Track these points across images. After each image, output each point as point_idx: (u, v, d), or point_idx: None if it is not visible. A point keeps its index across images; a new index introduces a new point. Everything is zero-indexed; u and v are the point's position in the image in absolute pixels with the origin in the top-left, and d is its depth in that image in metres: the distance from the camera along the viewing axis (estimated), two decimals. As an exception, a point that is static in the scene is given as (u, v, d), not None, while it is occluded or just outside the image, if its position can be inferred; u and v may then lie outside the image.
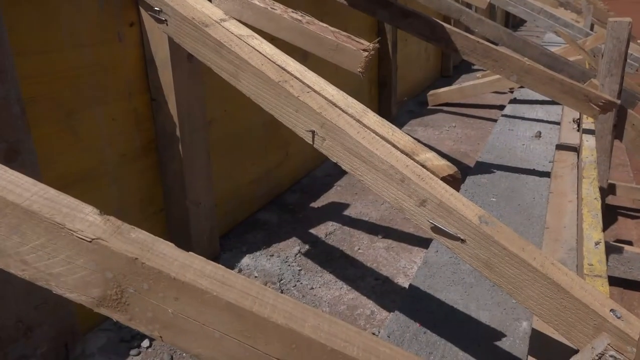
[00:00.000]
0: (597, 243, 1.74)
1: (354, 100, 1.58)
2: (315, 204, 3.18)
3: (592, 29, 7.82)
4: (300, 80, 1.60)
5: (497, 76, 5.47)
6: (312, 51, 2.01)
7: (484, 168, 3.55)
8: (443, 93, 5.34)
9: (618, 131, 3.25)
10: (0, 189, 0.77)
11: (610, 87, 3.09)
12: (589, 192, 2.14)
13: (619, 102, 2.85)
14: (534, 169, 3.51)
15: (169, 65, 2.09)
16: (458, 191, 1.40)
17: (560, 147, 3.15)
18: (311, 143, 1.55)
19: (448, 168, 1.42)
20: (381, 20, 4.04)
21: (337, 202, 3.21)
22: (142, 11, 2.06)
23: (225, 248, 2.60)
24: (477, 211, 1.32)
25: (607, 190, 3.72)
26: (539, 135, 4.14)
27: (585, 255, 1.67)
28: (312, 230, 2.82)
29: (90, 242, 0.76)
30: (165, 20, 1.80)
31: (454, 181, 1.41)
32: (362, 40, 1.97)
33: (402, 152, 1.44)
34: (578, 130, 3.46)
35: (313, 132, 1.53)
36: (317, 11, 3.51)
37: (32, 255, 0.77)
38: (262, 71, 1.59)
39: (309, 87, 1.58)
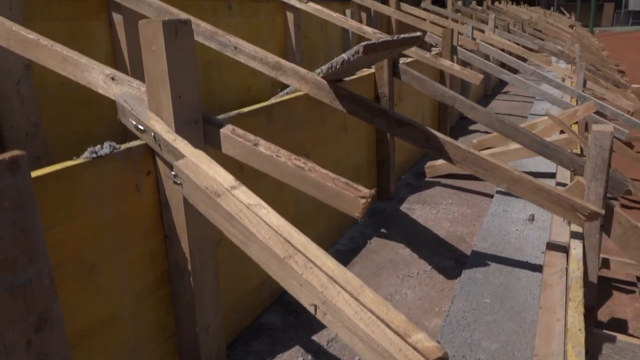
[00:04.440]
0: (580, 391, 1.87)
1: (352, 276, 1.74)
2: (317, 303, 3.31)
3: (585, 84, 8.08)
4: (304, 254, 1.77)
5: (495, 149, 5.67)
6: (315, 196, 2.20)
7: (479, 260, 3.70)
8: (440, 165, 5.53)
9: (605, 228, 3.41)
10: None
11: (596, 190, 3.27)
12: (574, 322, 2.28)
13: (603, 212, 3.02)
14: (527, 262, 3.65)
15: (182, 208, 2.26)
16: (447, 370, 1.55)
17: (550, 246, 3.29)
18: (314, 314, 1.71)
19: (437, 350, 1.56)
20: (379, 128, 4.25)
21: (338, 300, 3.34)
22: (158, 160, 2.25)
23: (232, 360, 2.74)
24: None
25: (600, 264, 3.85)
26: (532, 218, 4.30)
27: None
28: (314, 337, 2.95)
29: None
30: (181, 184, 1.98)
31: (443, 363, 1.56)
32: (359, 187, 2.15)
33: (396, 332, 1.59)
34: (568, 224, 3.62)
35: (315, 306, 1.69)
36: (318, 114, 3.72)
37: None
38: (269, 246, 1.76)
39: (311, 261, 1.75)
